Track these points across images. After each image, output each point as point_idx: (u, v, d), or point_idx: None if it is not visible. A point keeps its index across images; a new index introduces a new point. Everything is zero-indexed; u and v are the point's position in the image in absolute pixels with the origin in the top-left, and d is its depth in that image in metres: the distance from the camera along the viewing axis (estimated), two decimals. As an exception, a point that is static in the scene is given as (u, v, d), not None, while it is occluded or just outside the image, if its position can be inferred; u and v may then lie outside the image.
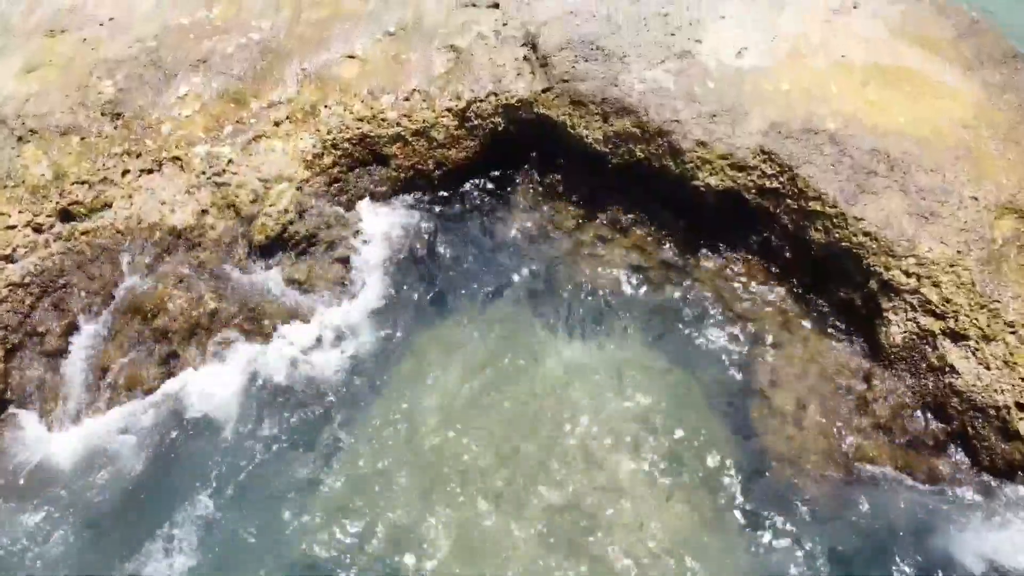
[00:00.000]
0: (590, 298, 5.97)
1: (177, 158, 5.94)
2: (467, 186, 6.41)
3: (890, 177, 5.55)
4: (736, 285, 5.93)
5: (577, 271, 6.11)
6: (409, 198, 6.32)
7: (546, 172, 6.39)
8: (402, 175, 6.27)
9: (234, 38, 6.51)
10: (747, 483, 5.27)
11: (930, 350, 5.18)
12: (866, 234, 5.39)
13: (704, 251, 6.07)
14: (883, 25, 6.55)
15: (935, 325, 5.18)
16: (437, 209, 6.31)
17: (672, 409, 5.60)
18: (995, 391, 4.97)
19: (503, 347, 5.84)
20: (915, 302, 5.23)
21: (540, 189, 6.36)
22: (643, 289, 5.99)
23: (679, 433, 5.47)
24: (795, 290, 5.81)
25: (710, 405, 5.60)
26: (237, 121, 6.12)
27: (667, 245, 6.11)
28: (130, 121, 6.04)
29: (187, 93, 6.20)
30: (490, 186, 6.42)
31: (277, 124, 6.13)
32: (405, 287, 6.05)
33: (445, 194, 6.37)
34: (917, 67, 6.24)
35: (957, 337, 5.12)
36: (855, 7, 6.68)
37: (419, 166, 6.27)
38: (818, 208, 5.54)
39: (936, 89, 6.08)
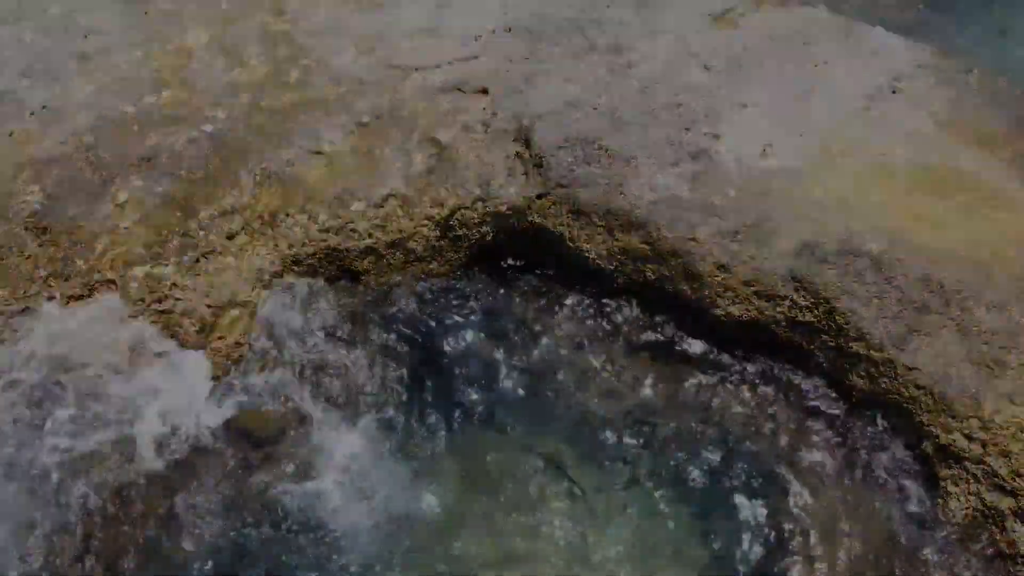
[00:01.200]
0: (596, 444, 5.13)
1: (112, 281, 5.11)
2: (451, 304, 5.56)
3: (946, 314, 4.73)
4: (764, 426, 5.10)
5: (583, 403, 5.28)
6: (383, 319, 5.47)
7: (542, 289, 5.55)
8: (375, 293, 5.43)
9: (184, 131, 5.68)
10: None
11: (998, 533, 4.36)
12: (919, 387, 4.57)
13: (727, 384, 5.23)
14: (928, 115, 5.73)
15: (1004, 503, 4.35)
16: (415, 331, 5.47)
17: (693, 570, 4.81)
18: (1080, 592, 4.16)
19: (499, 498, 5.03)
20: (979, 473, 4.41)
21: (535, 311, 5.52)
22: (656, 430, 5.17)
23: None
24: (832, 440, 4.97)
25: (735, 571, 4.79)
26: (184, 234, 5.29)
27: (684, 377, 5.28)
28: (58, 236, 5.21)
29: (127, 200, 5.37)
30: (476, 304, 5.58)
31: (230, 237, 5.30)
32: (384, 423, 5.22)
33: (425, 313, 5.52)
34: (969, 169, 5.42)
35: (1032, 520, 4.30)
36: (894, 91, 5.87)
37: (394, 282, 5.44)
38: (861, 351, 4.72)
39: (993, 198, 5.25)
